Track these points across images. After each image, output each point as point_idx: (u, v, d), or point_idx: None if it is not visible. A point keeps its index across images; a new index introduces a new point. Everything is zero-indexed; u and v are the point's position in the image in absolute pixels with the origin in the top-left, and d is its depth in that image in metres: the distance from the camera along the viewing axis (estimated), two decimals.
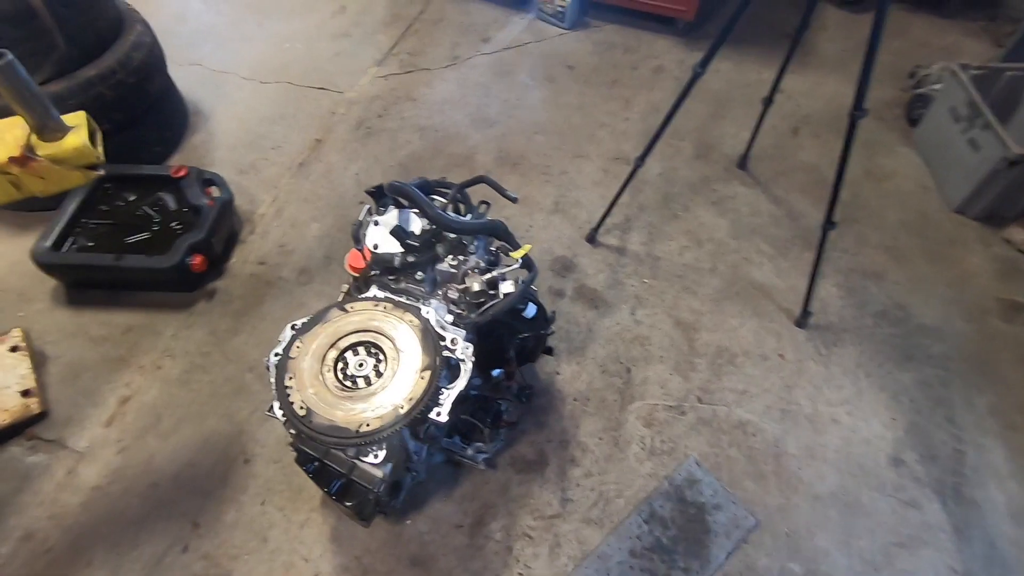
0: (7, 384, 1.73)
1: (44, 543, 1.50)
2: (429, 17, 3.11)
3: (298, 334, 1.22)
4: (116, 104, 2.07)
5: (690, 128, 2.56)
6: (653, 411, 1.74)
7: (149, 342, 1.88)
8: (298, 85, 2.72)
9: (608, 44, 2.97)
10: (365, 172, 2.36)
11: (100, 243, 1.95)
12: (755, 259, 2.12)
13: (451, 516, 1.55)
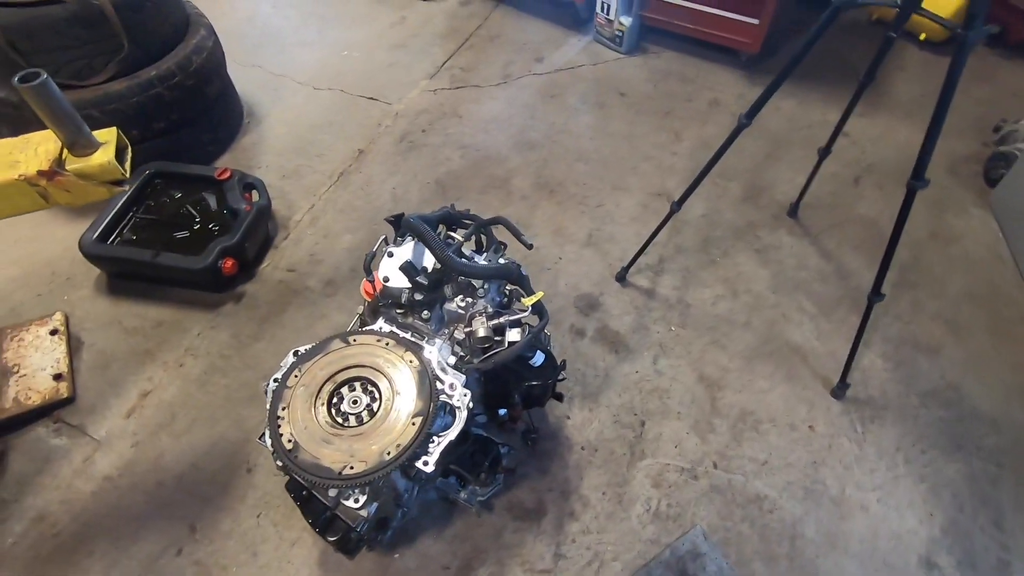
0: (42, 366, 1.82)
1: (53, 527, 1.56)
2: (486, 32, 3.10)
3: (298, 362, 1.21)
4: (173, 104, 2.15)
5: (741, 168, 2.44)
6: (664, 471, 1.65)
7: (176, 339, 1.94)
8: (350, 94, 2.76)
9: (665, 72, 2.88)
10: (402, 187, 2.36)
11: (142, 238, 2.04)
12: (795, 317, 1.98)
13: (440, 556, 1.51)
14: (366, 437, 1.11)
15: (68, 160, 1.04)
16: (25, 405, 1.73)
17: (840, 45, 2.92)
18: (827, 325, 1.97)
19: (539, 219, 2.26)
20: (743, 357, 1.88)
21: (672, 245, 2.18)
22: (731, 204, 2.32)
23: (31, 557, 1.51)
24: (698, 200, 2.32)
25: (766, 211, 2.29)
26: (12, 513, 1.58)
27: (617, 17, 2.82)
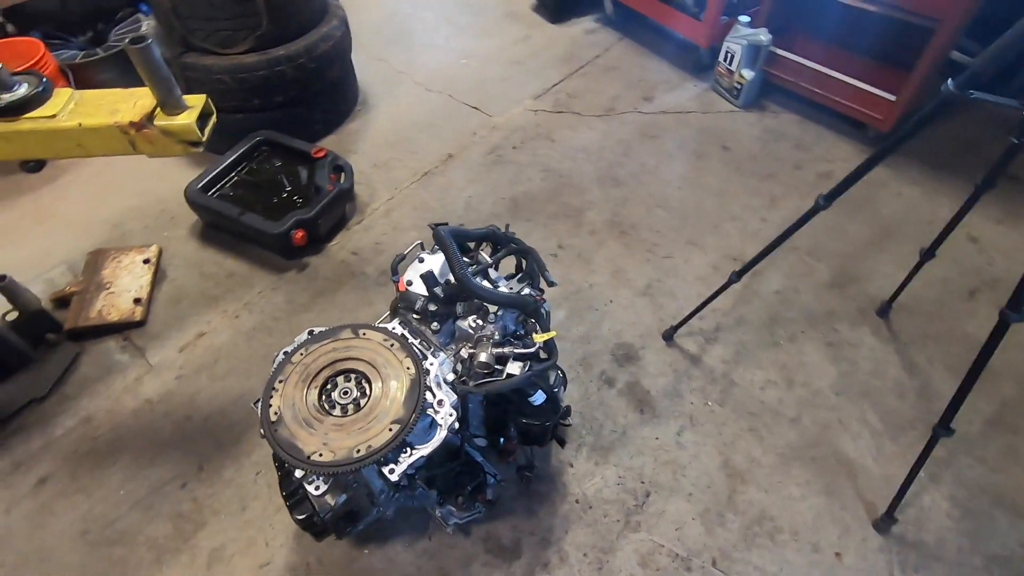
0: (128, 288, 2.05)
1: (95, 431, 1.75)
2: (603, 63, 3.09)
3: (308, 342, 1.26)
4: (294, 83, 2.36)
5: (835, 250, 2.22)
6: (655, 552, 1.53)
7: (240, 292, 2.10)
8: (456, 100, 2.87)
9: (778, 134, 2.70)
10: (478, 198, 2.41)
11: (236, 195, 2.24)
12: (854, 427, 1.76)
13: (406, 566, 1.50)
14: (344, 430, 1.13)
15: (158, 117, 1.17)
16: (105, 319, 1.96)
17: (989, 137, 2.58)
18: (891, 446, 1.73)
19: (601, 257, 2.20)
20: (779, 455, 1.70)
21: (734, 315, 2.03)
22: (814, 287, 2.11)
23: (70, 452, 1.71)
24: (776, 274, 2.14)
25: (852, 303, 2.07)
26: (68, 408, 1.80)
27: (739, 69, 2.69)
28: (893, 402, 1.82)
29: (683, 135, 2.69)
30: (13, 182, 2.47)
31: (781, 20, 2.65)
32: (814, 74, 2.59)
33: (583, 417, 1.78)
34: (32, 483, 1.64)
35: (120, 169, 2.51)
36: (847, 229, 2.30)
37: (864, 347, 1.95)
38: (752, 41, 2.60)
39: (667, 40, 3.19)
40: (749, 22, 2.61)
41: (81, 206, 2.39)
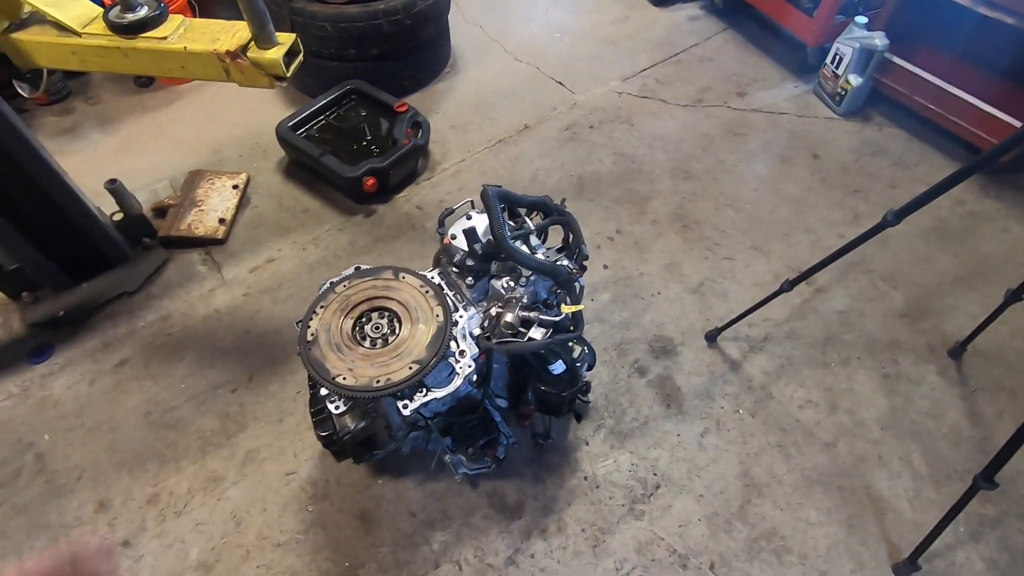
0: (216, 208, 2.25)
1: (170, 328, 1.97)
2: (700, 52, 2.98)
3: (353, 276, 1.35)
4: (388, 37, 2.45)
5: (915, 279, 2.06)
6: (654, 543, 1.53)
7: (311, 227, 2.26)
8: (543, 73, 2.87)
9: (878, 148, 2.50)
10: (545, 171, 2.42)
11: (321, 138, 2.39)
12: (894, 465, 1.66)
13: (413, 502, 1.60)
14: (369, 360, 1.21)
15: (251, 49, 1.27)
16: (192, 232, 2.17)
17: None
18: (932, 494, 1.61)
19: (658, 248, 2.16)
20: (804, 476, 1.64)
21: (787, 328, 1.94)
22: (882, 313, 1.98)
23: (147, 343, 1.93)
24: (842, 293, 2.02)
25: (922, 337, 1.92)
26: (151, 305, 2.02)
27: (846, 73, 2.50)
28: (945, 449, 1.69)
29: (771, 136, 2.56)
30: (138, 101, 2.75)
31: (903, 25, 2.44)
32: (931, 88, 2.37)
33: (607, 400, 1.79)
34: (113, 363, 1.87)
35: (227, 101, 2.73)
36: (935, 259, 2.12)
37: (925, 385, 1.82)
38: (866, 45, 2.41)
39: (773, 35, 3.01)
40: (866, 24, 2.41)
41: (190, 129, 2.63)
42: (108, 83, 2.80)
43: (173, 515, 1.57)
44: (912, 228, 2.21)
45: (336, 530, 1.54)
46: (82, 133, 2.59)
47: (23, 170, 1.64)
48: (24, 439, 1.70)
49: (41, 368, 1.85)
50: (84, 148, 2.53)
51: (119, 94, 2.77)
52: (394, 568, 1.48)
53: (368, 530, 1.55)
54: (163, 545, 1.52)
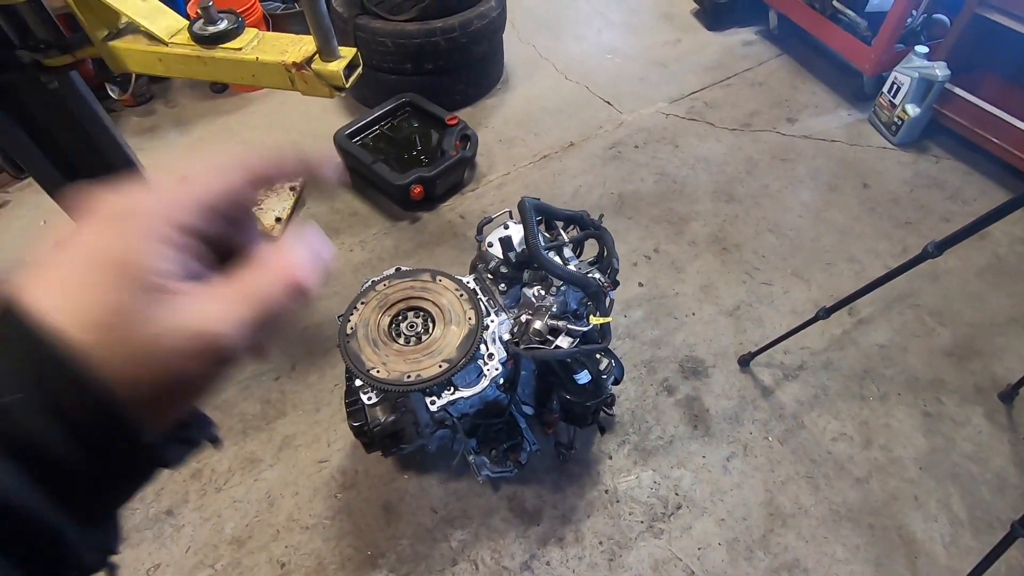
0: (273, 208, 2.40)
1: None
2: (751, 77, 2.97)
3: (393, 276, 1.43)
4: (444, 53, 2.57)
5: (966, 318, 1.98)
6: (671, 562, 1.53)
7: (358, 229, 2.37)
8: (591, 92, 2.93)
9: (933, 181, 2.43)
10: (587, 188, 2.47)
11: (375, 146, 2.51)
12: (931, 508, 1.60)
13: (435, 498, 1.65)
14: (402, 356, 1.28)
15: (315, 61, 1.38)
16: None
17: None
18: (971, 541, 1.54)
19: (695, 269, 2.16)
20: (832, 510, 1.60)
21: (824, 358, 1.90)
22: (927, 349, 1.91)
23: None
24: (885, 327, 1.97)
25: (970, 378, 1.84)
26: None
27: (903, 103, 2.45)
28: (987, 495, 1.61)
29: (819, 164, 2.52)
30: (212, 106, 2.97)
31: (966, 56, 2.37)
32: (993, 120, 2.29)
33: (634, 416, 1.79)
34: None
35: (291, 108, 2.91)
36: (988, 298, 2.03)
37: (970, 427, 1.74)
38: (925, 75, 2.36)
39: (829, 62, 2.97)
40: (926, 53, 2.36)
41: (257, 133, 2.81)
42: (186, 89, 3.04)
43: (213, 490, 1.68)
44: (966, 264, 2.13)
45: (361, 519, 1.61)
46: (161, 133, 2.82)
47: (110, 164, 1.81)
48: None
49: None
50: (162, 147, 2.74)
51: (195, 99, 2.99)
52: (412, 561, 1.53)
53: (390, 521, 1.61)
54: (202, 517, 1.63)
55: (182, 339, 0.27)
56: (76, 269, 0.28)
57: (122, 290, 0.27)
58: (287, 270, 0.31)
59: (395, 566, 1.53)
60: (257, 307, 0.29)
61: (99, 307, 0.27)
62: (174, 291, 0.28)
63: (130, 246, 0.28)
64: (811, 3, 2.83)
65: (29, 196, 2.51)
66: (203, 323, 0.28)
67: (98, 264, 0.28)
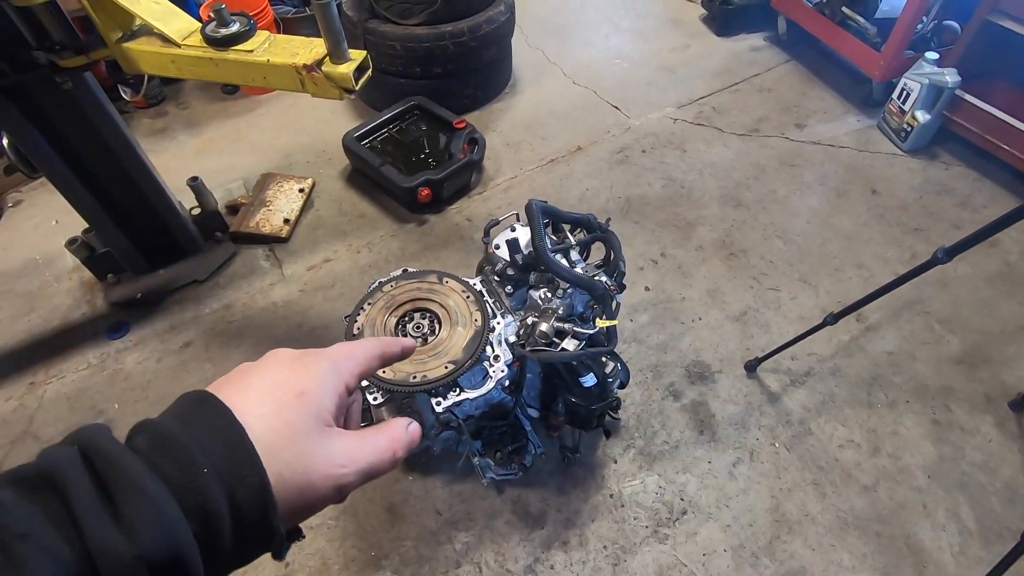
0: (281, 209, 2.42)
1: (231, 317, 2.12)
2: (760, 82, 2.97)
3: (400, 277, 1.44)
4: (453, 57, 2.58)
5: (976, 325, 1.96)
6: (675, 568, 1.52)
7: (366, 232, 2.38)
8: (599, 96, 2.93)
9: (943, 187, 2.41)
10: (593, 192, 2.47)
11: (383, 149, 2.53)
12: (939, 517, 1.58)
13: (439, 501, 1.65)
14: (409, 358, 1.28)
15: (325, 64, 1.39)
16: (259, 230, 2.33)
17: None
18: (979, 551, 1.53)
19: (702, 274, 2.15)
20: (839, 517, 1.58)
21: (831, 364, 1.89)
22: (935, 357, 1.90)
23: (210, 328, 2.08)
24: (894, 334, 1.95)
25: (979, 386, 1.82)
26: (216, 295, 2.18)
27: (913, 109, 2.44)
28: (997, 505, 1.59)
29: (828, 170, 2.51)
30: (222, 108, 2.99)
31: (977, 63, 2.36)
32: (1005, 127, 2.27)
33: (639, 421, 1.79)
34: (179, 344, 2.03)
35: (300, 111, 2.93)
36: (999, 306, 2.01)
37: (980, 436, 1.72)
38: (935, 81, 2.35)
39: (838, 68, 2.97)
40: (937, 60, 2.35)
41: (266, 135, 2.83)
42: (197, 91, 3.07)
43: None
44: (976, 271, 2.12)
45: (365, 520, 1.61)
46: (171, 134, 2.84)
47: (121, 165, 1.83)
48: (97, 406, 1.86)
49: (117, 343, 2.03)
50: (172, 148, 2.77)
51: (206, 101, 3.02)
52: (416, 563, 1.53)
53: (394, 523, 1.61)
54: None
55: (325, 466, 0.34)
56: (268, 388, 0.35)
57: (302, 414, 0.34)
58: (394, 441, 0.39)
59: (399, 568, 1.53)
60: (371, 460, 0.37)
61: (282, 421, 0.33)
62: (331, 425, 0.36)
63: (314, 382, 0.36)
64: (820, 9, 2.83)
65: (42, 196, 2.55)
66: (340, 461, 0.35)
67: (288, 389, 0.35)
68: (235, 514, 0.29)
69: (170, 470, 0.28)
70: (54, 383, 1.92)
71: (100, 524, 0.26)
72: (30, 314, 2.13)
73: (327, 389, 0.37)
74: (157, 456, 0.29)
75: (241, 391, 0.34)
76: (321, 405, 0.35)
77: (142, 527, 0.26)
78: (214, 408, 0.32)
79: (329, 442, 0.35)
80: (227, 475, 0.29)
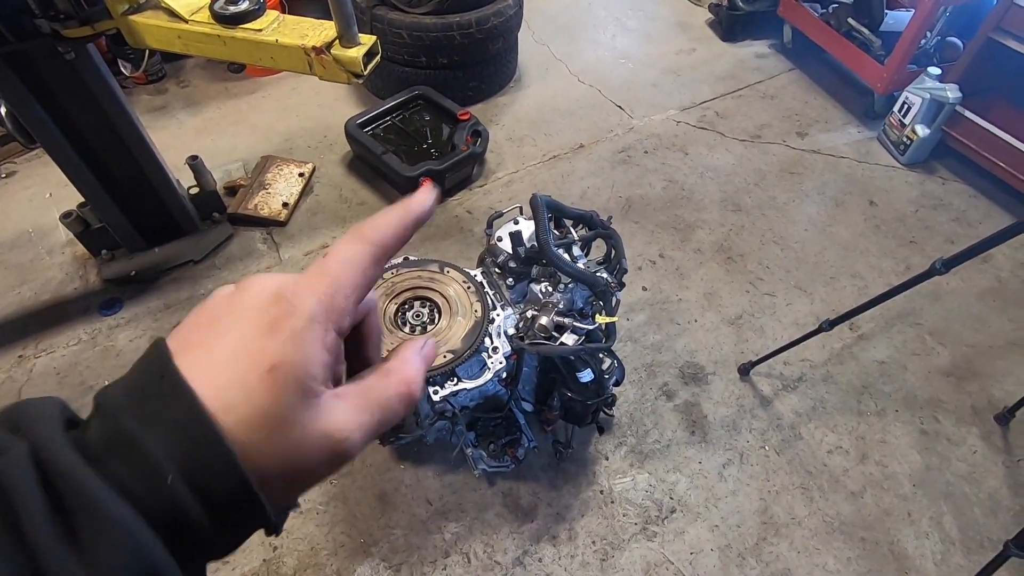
0: (280, 193, 2.40)
1: None
2: (763, 89, 2.98)
3: (402, 265, 1.43)
4: (460, 48, 2.57)
5: (966, 339, 1.99)
6: (663, 565, 1.53)
7: (365, 219, 2.36)
8: (603, 96, 2.94)
9: (939, 202, 2.44)
10: (594, 190, 2.47)
11: (385, 137, 2.51)
12: (923, 525, 1.60)
13: (429, 490, 1.65)
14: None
15: (334, 47, 1.38)
16: (257, 213, 2.31)
17: None
18: (961, 559, 1.55)
19: (699, 276, 2.17)
20: (826, 522, 1.60)
21: (823, 371, 1.91)
22: (925, 368, 1.92)
23: None
24: (885, 344, 1.98)
25: (967, 399, 1.85)
26: (212, 275, 2.17)
27: (913, 124, 2.46)
28: (980, 516, 1.62)
29: (827, 179, 2.53)
30: (223, 88, 2.96)
31: (978, 80, 2.39)
32: (1002, 145, 2.30)
33: (632, 419, 1.80)
34: (173, 323, 2.01)
35: (303, 95, 2.91)
36: (989, 320, 2.04)
37: (965, 447, 1.75)
38: (937, 96, 2.37)
39: (841, 79, 2.99)
40: (939, 75, 2.37)
41: (267, 117, 2.81)
42: (199, 69, 3.03)
43: None
44: (968, 286, 2.15)
45: (355, 506, 1.61)
46: (171, 112, 2.81)
47: (120, 139, 1.81)
48: (87, 382, 1.84)
49: (109, 320, 2.00)
50: (171, 126, 2.74)
51: (207, 80, 2.99)
52: (405, 551, 1.53)
53: (384, 511, 1.60)
54: None
55: (319, 442, 0.29)
56: (233, 360, 0.28)
57: (277, 395, 0.28)
58: (406, 383, 0.33)
59: (387, 555, 1.53)
60: (379, 415, 0.31)
61: (253, 410, 0.27)
62: (319, 395, 0.29)
63: (290, 347, 0.29)
64: (826, 19, 2.85)
65: (37, 168, 2.51)
66: (337, 430, 0.29)
67: (256, 364, 0.28)
68: (214, 516, 0.26)
69: (132, 482, 0.25)
70: (44, 357, 1.90)
71: (59, 557, 0.23)
72: (21, 287, 2.10)
73: (309, 350, 0.29)
74: (115, 462, 0.25)
75: (204, 358, 0.28)
76: (302, 375, 0.29)
77: (105, 556, 0.23)
78: (177, 390, 0.26)
79: (320, 416, 0.29)
80: (199, 480, 0.25)
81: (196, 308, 0.31)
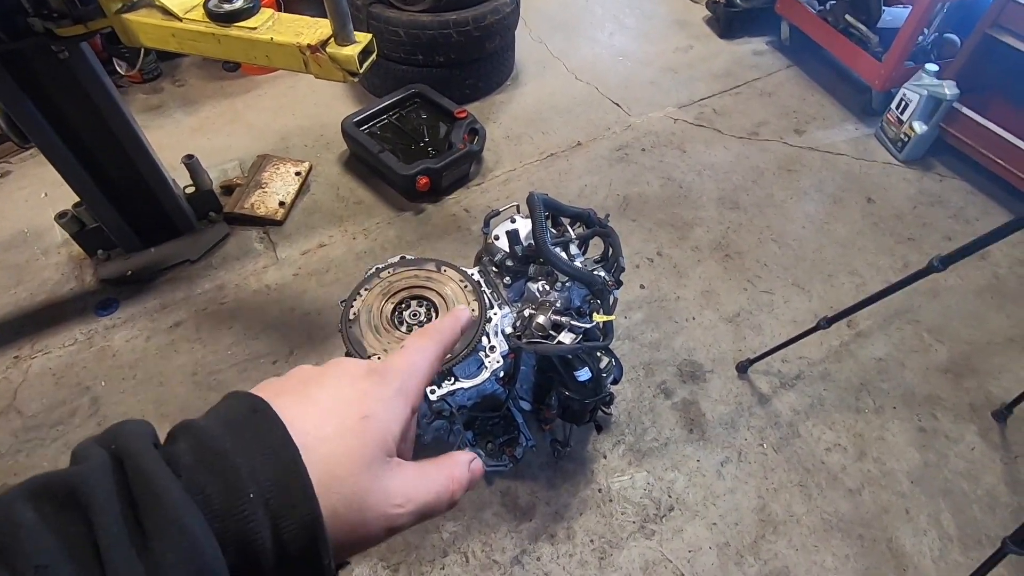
0: (277, 191, 2.39)
1: (223, 298, 2.09)
2: (761, 87, 2.98)
3: (398, 264, 1.43)
4: (457, 46, 2.56)
5: (964, 336, 1.99)
6: (661, 564, 1.53)
7: (362, 218, 2.36)
8: (600, 93, 2.93)
9: (937, 199, 2.44)
10: (592, 188, 2.47)
11: (382, 135, 2.51)
12: (921, 522, 1.60)
13: None
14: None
15: (330, 45, 1.37)
16: (254, 212, 2.31)
17: None
18: (959, 556, 1.55)
19: (697, 274, 2.16)
20: (824, 519, 1.60)
21: (821, 368, 1.91)
22: (923, 366, 1.92)
23: (200, 309, 2.06)
24: (883, 341, 1.98)
25: (965, 396, 1.85)
26: (209, 275, 2.16)
27: (911, 120, 2.46)
28: (978, 512, 1.62)
29: (825, 176, 2.53)
30: (219, 87, 2.95)
31: (976, 77, 2.38)
32: (1000, 142, 2.30)
33: (630, 417, 1.80)
34: (169, 323, 2.00)
35: (299, 94, 2.90)
36: (987, 317, 2.04)
37: (963, 444, 1.75)
38: (934, 93, 2.37)
39: (839, 76, 2.99)
40: (937, 72, 2.37)
41: (263, 116, 2.80)
42: (194, 68, 3.02)
43: None
44: (966, 283, 2.15)
45: None
46: (167, 111, 2.80)
47: (116, 139, 1.80)
48: (83, 383, 1.84)
49: (105, 320, 2.00)
50: (167, 125, 2.73)
51: (203, 79, 2.97)
52: (403, 550, 1.53)
53: None
54: None
55: (383, 505, 0.31)
56: (331, 407, 0.31)
57: (366, 442, 0.31)
58: (457, 484, 0.36)
59: (385, 555, 1.53)
60: (430, 505, 0.34)
61: (344, 448, 0.30)
62: (392, 454, 0.32)
63: (381, 406, 0.32)
64: (823, 16, 2.84)
65: (32, 167, 2.50)
66: (396, 494, 0.32)
67: (353, 411, 0.31)
68: (279, 549, 0.27)
69: (213, 492, 0.26)
70: (40, 358, 1.89)
71: (126, 561, 0.23)
72: (16, 287, 2.09)
73: (394, 414, 0.33)
74: (201, 473, 0.26)
75: (300, 404, 0.31)
76: (387, 432, 0.32)
77: (171, 567, 0.24)
78: (268, 421, 0.28)
79: (389, 476, 0.31)
80: (274, 503, 0.26)
81: (275, 377, 0.34)
